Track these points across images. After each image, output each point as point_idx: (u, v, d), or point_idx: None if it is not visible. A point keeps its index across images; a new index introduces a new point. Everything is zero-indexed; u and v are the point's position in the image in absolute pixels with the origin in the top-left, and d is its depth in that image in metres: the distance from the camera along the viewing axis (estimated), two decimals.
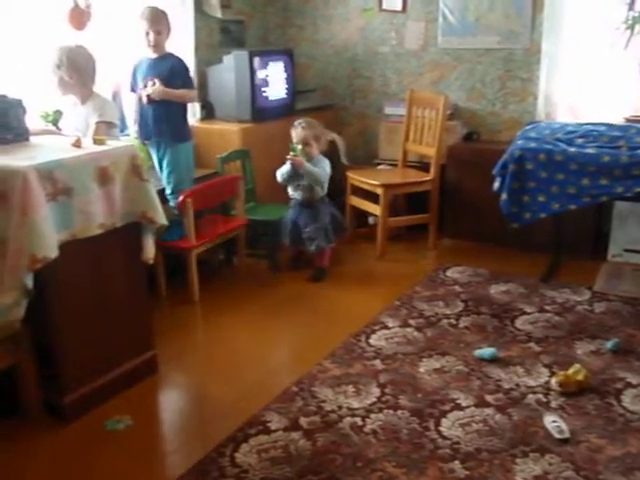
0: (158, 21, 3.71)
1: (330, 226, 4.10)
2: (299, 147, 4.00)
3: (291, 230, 4.10)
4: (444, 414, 2.66)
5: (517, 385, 2.86)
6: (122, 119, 3.95)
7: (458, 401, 2.75)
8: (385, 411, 2.68)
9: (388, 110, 5.09)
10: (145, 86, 3.74)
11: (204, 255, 4.03)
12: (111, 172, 2.65)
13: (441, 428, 2.56)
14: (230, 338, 3.41)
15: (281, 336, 3.48)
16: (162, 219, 2.80)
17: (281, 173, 4.10)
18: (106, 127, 3.30)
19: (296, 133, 4.12)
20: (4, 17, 3.42)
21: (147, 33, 3.69)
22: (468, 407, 2.70)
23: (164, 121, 3.77)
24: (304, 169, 3.98)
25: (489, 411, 2.68)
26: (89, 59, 3.34)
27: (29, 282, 2.40)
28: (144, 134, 3.85)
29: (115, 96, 4.06)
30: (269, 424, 2.61)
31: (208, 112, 4.79)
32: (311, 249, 4.07)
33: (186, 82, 3.78)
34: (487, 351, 3.10)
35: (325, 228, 4.06)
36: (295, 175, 4.05)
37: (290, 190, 4.18)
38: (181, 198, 3.63)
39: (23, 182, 2.33)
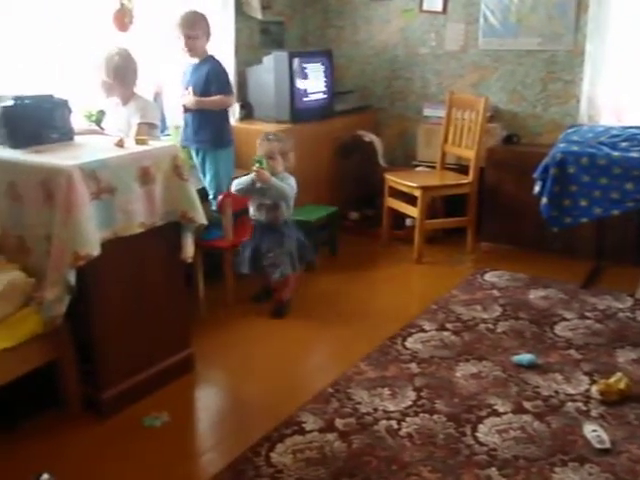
0: (190, 26, 3.69)
1: (296, 252, 3.65)
2: (265, 160, 3.51)
3: (251, 256, 3.61)
4: (481, 420, 2.63)
5: (556, 392, 2.82)
6: (163, 120, 4.00)
7: (495, 407, 2.72)
8: (421, 415, 2.67)
9: (427, 112, 5.06)
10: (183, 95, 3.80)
11: None
12: (152, 172, 2.69)
13: (478, 434, 2.54)
14: (265, 338, 3.43)
15: (317, 336, 3.48)
16: (202, 219, 2.83)
17: (238, 183, 3.58)
18: (148, 128, 3.35)
19: (262, 146, 3.63)
20: (52, 19, 3.49)
21: (180, 38, 3.71)
22: (505, 413, 2.67)
23: (202, 128, 3.82)
24: (269, 184, 3.48)
25: (527, 418, 2.64)
26: (131, 61, 3.40)
27: (71, 279, 2.45)
28: (185, 139, 3.92)
29: (157, 97, 4.12)
30: (304, 425, 2.61)
31: (247, 112, 4.83)
32: (274, 277, 3.59)
33: (221, 88, 3.79)
34: (525, 357, 3.06)
35: (290, 253, 3.60)
36: (256, 189, 3.54)
37: (251, 211, 3.70)
38: (220, 198, 3.66)
39: (68, 181, 2.38)
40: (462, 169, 4.63)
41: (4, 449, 2.50)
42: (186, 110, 3.79)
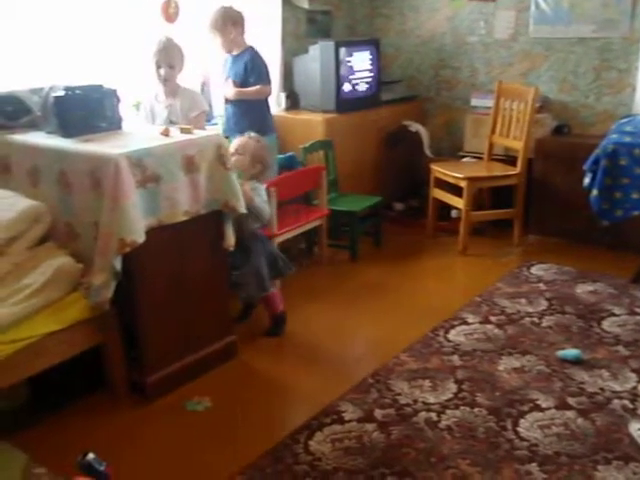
0: (221, 27, 3.76)
1: (267, 269, 3.23)
2: (242, 174, 3.20)
3: None
4: (523, 415, 2.59)
5: (602, 389, 2.75)
6: (210, 109, 4.05)
7: (538, 402, 2.67)
8: (461, 408, 2.65)
9: (475, 102, 4.98)
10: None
11: (285, 244, 4.08)
12: (197, 160, 2.72)
13: (519, 429, 2.50)
14: (308, 326, 3.45)
15: (359, 326, 3.48)
16: (243, 208, 2.86)
17: None
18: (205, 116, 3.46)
19: (237, 139, 3.32)
20: (103, 10, 3.56)
21: (215, 37, 3.80)
22: (548, 409, 2.62)
23: (243, 118, 3.87)
24: (250, 205, 3.08)
25: (570, 414, 2.59)
26: (179, 50, 3.43)
27: (117, 265, 2.50)
28: (227, 130, 3.96)
29: (203, 87, 4.17)
30: (344, 414, 2.62)
31: (293, 102, 4.84)
32: (241, 297, 3.32)
33: (259, 78, 3.84)
34: (571, 352, 3.00)
35: (257, 272, 3.17)
36: None
37: None
38: (264, 187, 3.68)
39: (115, 169, 2.43)
40: (510, 160, 4.55)
41: (51, 428, 2.58)
42: (227, 101, 3.84)
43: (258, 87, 3.84)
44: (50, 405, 2.70)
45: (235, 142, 3.29)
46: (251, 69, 3.82)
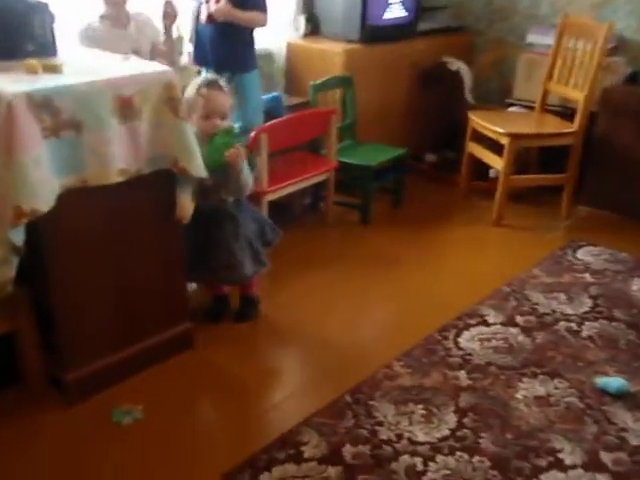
0: None
1: (257, 239, 2.61)
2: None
3: (192, 259, 2.47)
4: (537, 473, 1.95)
5: None
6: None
7: (560, 455, 2.02)
8: (457, 454, 2.02)
9: (532, 38, 4.10)
10: (208, 0, 3.07)
11: (285, 198, 3.44)
12: (136, 104, 2.06)
13: None
14: (292, 308, 2.84)
15: (352, 314, 2.84)
16: (197, 170, 2.19)
17: None
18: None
19: (211, 97, 2.41)
20: None
21: None
22: (573, 468, 1.97)
23: (226, 46, 3.11)
24: (235, 171, 2.42)
25: (602, 478, 1.94)
26: None
27: (16, 238, 1.91)
28: (200, 58, 3.21)
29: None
30: (303, 448, 2.03)
31: (313, 27, 4.08)
32: (230, 283, 2.69)
33: (258, 2, 3.09)
34: (614, 382, 2.31)
35: (250, 244, 2.55)
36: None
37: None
38: (253, 134, 3.01)
39: (7, 112, 1.80)
40: (567, 114, 3.73)
41: None
42: (210, 20, 3.08)
43: (255, 13, 3.10)
44: None
45: (210, 103, 2.40)
46: None
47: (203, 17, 3.07)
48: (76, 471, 1.98)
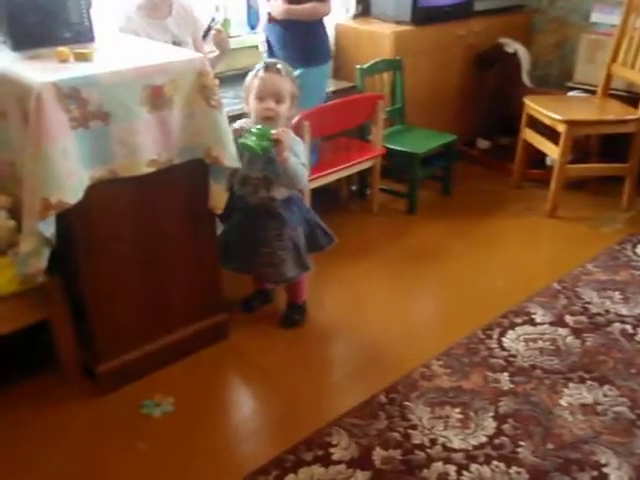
0: None
1: (304, 242, 2.49)
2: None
3: (240, 249, 2.47)
4: None
5: None
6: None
7: (604, 470, 1.89)
8: (493, 463, 1.92)
9: (596, 17, 3.89)
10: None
11: (333, 183, 3.36)
12: (168, 93, 2.01)
13: None
14: (349, 290, 2.83)
15: (394, 308, 2.73)
16: (230, 160, 2.13)
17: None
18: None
19: (265, 80, 2.31)
20: None
21: None
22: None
23: (289, 44, 3.07)
24: (284, 165, 2.25)
25: None
26: None
27: (46, 230, 1.90)
28: (269, 55, 3.17)
29: None
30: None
31: (364, 8, 3.95)
32: (271, 282, 2.60)
33: None
34: None
35: (295, 246, 2.45)
36: (254, 165, 2.33)
37: (236, 185, 2.38)
38: (296, 119, 2.92)
39: (36, 103, 1.78)
40: (632, 99, 3.51)
41: None
42: (270, 19, 3.02)
43: (312, 4, 3.01)
44: None
45: (262, 86, 2.30)
46: None
47: (266, 17, 3.02)
48: (103, 460, 1.98)
